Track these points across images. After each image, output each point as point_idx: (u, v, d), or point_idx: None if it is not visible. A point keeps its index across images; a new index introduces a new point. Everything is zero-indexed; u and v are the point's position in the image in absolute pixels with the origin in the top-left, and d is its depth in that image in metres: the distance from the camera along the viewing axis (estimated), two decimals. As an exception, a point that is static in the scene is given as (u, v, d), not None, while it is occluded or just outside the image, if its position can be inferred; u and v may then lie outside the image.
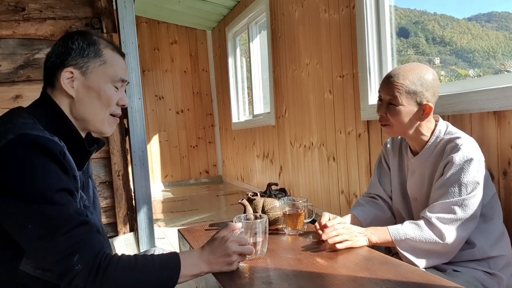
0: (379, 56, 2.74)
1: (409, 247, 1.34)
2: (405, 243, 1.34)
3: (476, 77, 2.38)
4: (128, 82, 1.21)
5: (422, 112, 1.43)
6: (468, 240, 1.39)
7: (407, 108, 1.42)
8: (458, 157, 1.36)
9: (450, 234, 1.32)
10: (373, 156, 2.80)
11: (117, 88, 1.14)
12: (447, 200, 1.34)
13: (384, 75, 2.70)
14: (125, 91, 1.19)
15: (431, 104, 1.43)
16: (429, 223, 1.34)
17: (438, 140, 1.46)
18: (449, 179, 1.36)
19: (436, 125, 1.49)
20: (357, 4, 2.80)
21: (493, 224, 1.43)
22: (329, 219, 1.40)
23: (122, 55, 1.17)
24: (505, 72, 2.14)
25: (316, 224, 1.40)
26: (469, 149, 1.37)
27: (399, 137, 1.64)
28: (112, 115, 1.15)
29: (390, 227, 1.37)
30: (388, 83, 1.45)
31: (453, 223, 1.33)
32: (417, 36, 2.96)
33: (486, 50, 2.50)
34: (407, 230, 1.35)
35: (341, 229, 1.32)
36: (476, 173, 1.35)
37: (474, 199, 1.34)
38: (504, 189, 1.77)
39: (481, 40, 2.52)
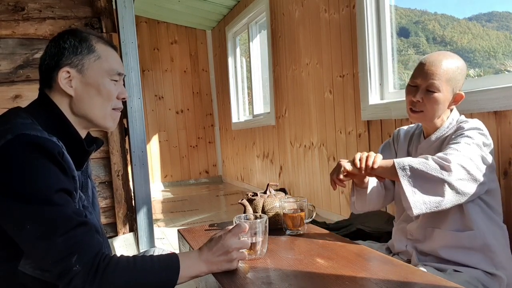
0: (379, 56, 2.73)
1: (409, 176, 1.27)
2: (406, 170, 1.27)
3: (476, 77, 2.37)
4: (125, 75, 1.21)
5: (453, 99, 1.45)
6: (468, 223, 1.38)
7: (445, 95, 1.42)
8: (466, 125, 1.39)
9: (456, 161, 1.25)
10: (373, 156, 2.80)
11: (115, 82, 1.13)
12: (452, 146, 1.34)
13: (385, 75, 2.72)
14: (124, 85, 1.19)
15: (462, 93, 1.45)
16: (435, 157, 1.30)
17: (451, 125, 1.47)
18: (456, 138, 1.38)
19: (451, 113, 1.50)
20: (357, 4, 2.80)
21: (493, 214, 1.42)
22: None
23: (115, 48, 1.17)
24: (506, 72, 2.14)
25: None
26: (478, 124, 1.41)
27: (414, 126, 1.65)
28: (114, 109, 1.15)
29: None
30: (428, 70, 1.42)
31: (459, 155, 1.28)
32: (417, 35, 2.96)
33: (487, 50, 2.50)
34: (412, 160, 1.30)
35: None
36: (482, 140, 1.36)
37: (479, 155, 1.33)
38: (505, 189, 1.76)
39: (481, 40, 2.52)
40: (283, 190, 1.70)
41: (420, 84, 1.44)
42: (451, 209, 1.37)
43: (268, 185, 1.64)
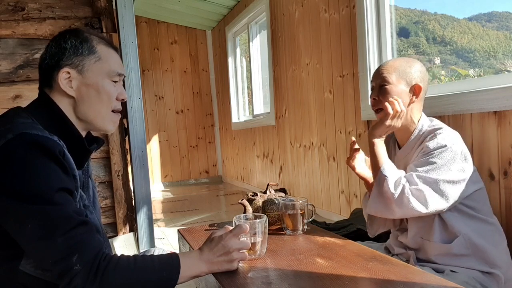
0: (379, 56, 2.73)
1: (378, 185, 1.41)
2: (380, 181, 1.40)
3: (476, 77, 2.37)
4: (125, 76, 1.21)
5: (413, 93, 1.47)
6: (452, 231, 1.39)
7: (398, 87, 1.46)
8: (431, 144, 1.39)
9: (401, 195, 1.34)
10: (373, 156, 2.80)
11: (115, 83, 1.14)
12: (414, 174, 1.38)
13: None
14: (123, 85, 1.19)
15: (420, 84, 1.47)
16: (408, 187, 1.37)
17: (421, 133, 1.47)
18: (420, 161, 1.39)
19: (420, 118, 1.51)
20: (357, 4, 2.80)
21: (477, 213, 1.42)
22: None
23: (115, 49, 1.17)
24: (506, 72, 2.14)
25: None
26: (445, 138, 1.39)
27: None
28: (114, 111, 1.15)
29: (389, 163, 1.44)
30: (378, 69, 1.52)
31: (417, 189, 1.34)
32: (417, 35, 2.96)
33: (487, 50, 2.50)
34: (393, 175, 1.39)
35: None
36: (448, 158, 1.36)
37: (440, 180, 1.35)
38: (505, 189, 1.76)
39: (481, 40, 2.51)
40: (283, 190, 1.70)
41: (374, 85, 1.52)
42: (434, 222, 1.41)
43: (268, 185, 1.64)
